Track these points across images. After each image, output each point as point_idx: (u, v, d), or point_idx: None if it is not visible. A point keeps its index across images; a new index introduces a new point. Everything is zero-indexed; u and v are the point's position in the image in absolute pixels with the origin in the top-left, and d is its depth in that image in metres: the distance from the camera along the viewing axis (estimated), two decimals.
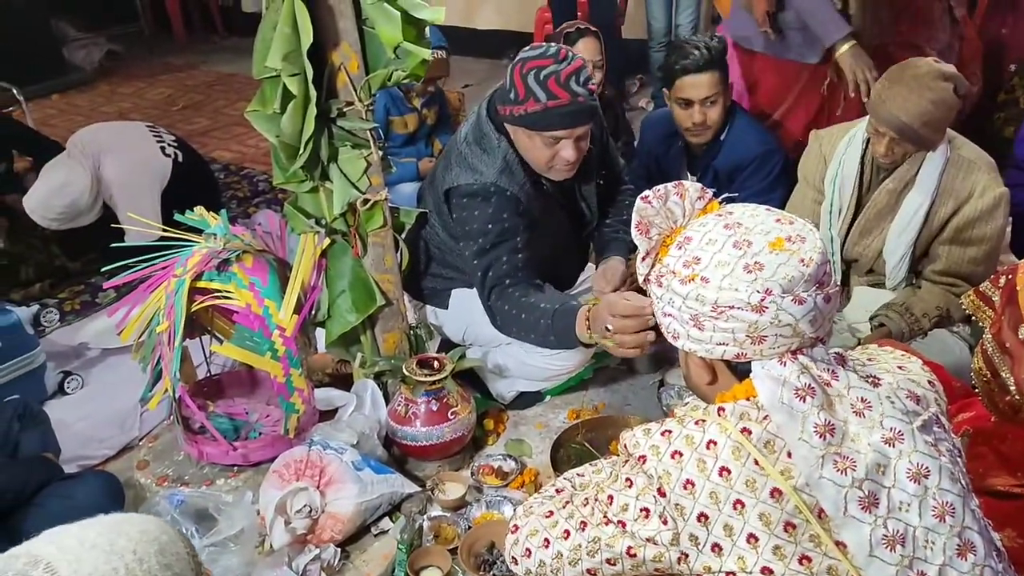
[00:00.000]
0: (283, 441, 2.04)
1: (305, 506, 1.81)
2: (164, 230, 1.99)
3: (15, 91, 4.27)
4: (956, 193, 2.21)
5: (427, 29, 1.94)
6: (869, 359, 1.23)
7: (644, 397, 2.45)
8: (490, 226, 2.04)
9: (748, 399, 1.12)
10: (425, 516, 1.96)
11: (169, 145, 3.33)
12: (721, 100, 2.55)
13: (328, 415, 2.17)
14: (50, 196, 3.08)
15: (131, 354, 2.10)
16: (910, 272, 2.34)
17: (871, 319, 2.32)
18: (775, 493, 1.05)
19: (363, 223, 2.00)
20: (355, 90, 1.87)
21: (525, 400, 2.42)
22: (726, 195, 1.25)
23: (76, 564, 0.88)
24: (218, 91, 5.96)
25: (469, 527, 1.94)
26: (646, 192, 1.21)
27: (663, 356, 2.56)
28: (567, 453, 2.21)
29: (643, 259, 1.23)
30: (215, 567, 1.75)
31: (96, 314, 2.90)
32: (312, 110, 1.78)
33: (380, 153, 2.02)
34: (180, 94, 5.87)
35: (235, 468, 2.07)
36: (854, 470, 1.04)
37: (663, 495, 1.09)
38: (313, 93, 1.77)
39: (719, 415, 1.11)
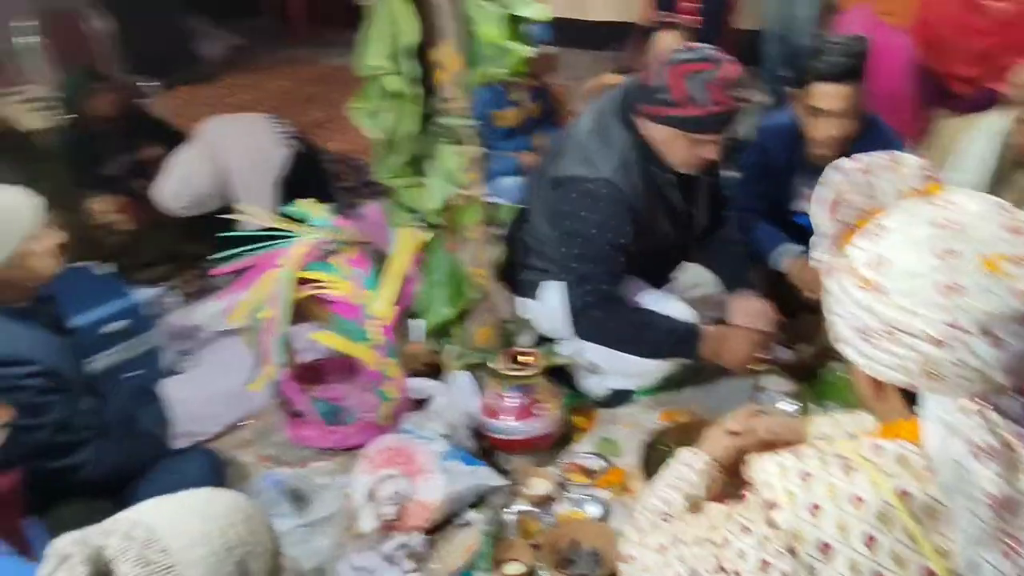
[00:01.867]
0: (377, 427, 2.10)
1: (395, 493, 1.86)
2: (273, 220, 2.08)
3: (146, 83, 4.54)
4: None
5: (528, 26, 1.95)
6: None
7: (740, 401, 2.38)
8: (595, 231, 2.02)
9: (914, 443, 0.94)
10: (510, 510, 1.98)
11: (287, 137, 3.46)
12: (858, 112, 2.29)
13: (421, 404, 2.22)
14: (176, 185, 3.27)
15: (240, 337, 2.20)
16: None
17: None
18: (927, 574, 0.89)
19: (460, 218, 2.03)
20: (455, 88, 1.90)
21: (616, 398, 2.41)
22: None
23: (174, 525, 0.96)
24: (334, 83, 6.15)
25: (553, 523, 1.95)
26: (843, 160, 1.04)
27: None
28: (658, 456, 2.18)
29: (827, 235, 1.02)
30: (305, 547, 1.83)
31: (211, 297, 3.06)
32: (414, 108, 1.82)
33: (481, 149, 2.05)
34: (298, 86, 6.10)
35: (331, 451, 2.14)
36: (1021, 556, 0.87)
37: (793, 554, 0.94)
38: (416, 91, 1.81)
39: (875, 455, 0.95)
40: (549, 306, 2.33)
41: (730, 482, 1.42)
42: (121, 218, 3.39)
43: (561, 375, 2.37)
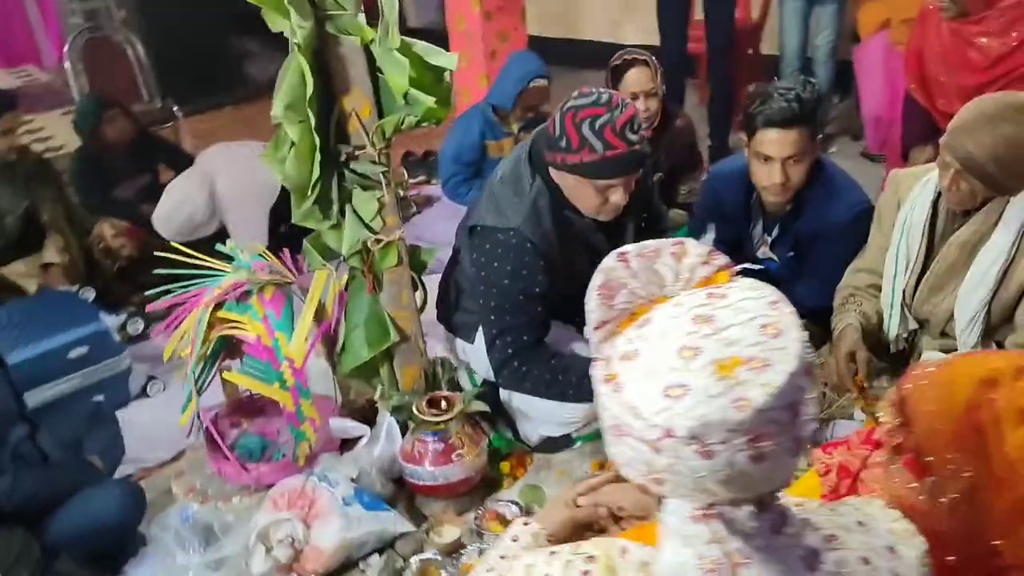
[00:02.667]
0: (294, 467, 2.12)
1: (287, 536, 1.87)
2: (200, 258, 2.13)
3: (173, 108, 4.73)
4: None
5: (447, 74, 1.96)
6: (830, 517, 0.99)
7: None
8: (507, 282, 2.02)
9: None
10: (417, 557, 1.97)
11: None
12: (806, 158, 2.22)
13: (353, 445, 2.23)
14: (170, 210, 3.39)
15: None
16: (986, 338, 2.06)
17: None
18: None
19: (377, 261, 2.04)
20: (366, 135, 1.92)
21: (555, 444, 2.37)
22: (731, 267, 0.99)
23: None
24: None
25: (456, 574, 1.93)
26: (627, 248, 0.99)
27: None
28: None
29: (596, 328, 0.98)
30: None
31: None
32: (316, 155, 1.84)
33: (400, 193, 2.06)
34: None
35: (252, 488, 2.17)
36: None
37: None
38: (317, 140, 1.83)
39: (621, 558, 0.93)
40: (481, 349, 2.32)
41: None
42: (123, 242, 3.51)
43: (506, 417, 2.36)
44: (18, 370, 2.46)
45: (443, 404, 2.10)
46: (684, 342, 0.89)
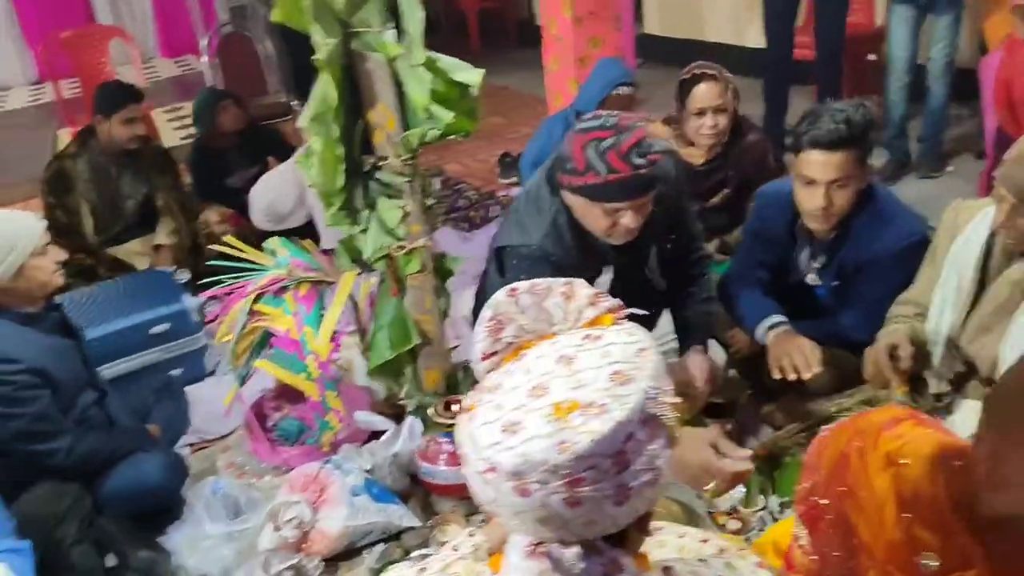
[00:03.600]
0: (319, 453, 2.26)
1: (295, 518, 2.01)
2: (248, 252, 2.30)
3: (294, 103, 5.04)
4: None
5: (473, 89, 2.02)
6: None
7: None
8: None
9: None
10: (417, 552, 2.06)
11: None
12: (853, 183, 2.10)
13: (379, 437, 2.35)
14: (261, 201, 3.65)
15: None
16: None
17: None
18: None
19: (401, 267, 2.13)
20: (391, 146, 2.01)
21: None
22: (620, 310, 1.02)
23: None
24: (483, 104, 6.38)
25: None
26: (518, 284, 1.03)
27: (736, 436, 2.37)
28: None
29: (482, 358, 1.03)
30: (211, 555, 2.02)
31: None
32: (340, 165, 1.96)
33: (429, 203, 2.15)
34: None
35: (283, 469, 2.33)
36: None
37: None
38: (341, 150, 1.94)
39: None
40: None
41: None
42: (226, 229, 3.80)
43: None
44: (102, 342, 2.74)
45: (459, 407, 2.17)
46: (539, 381, 0.93)
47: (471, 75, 1.94)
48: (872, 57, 4.63)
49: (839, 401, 2.27)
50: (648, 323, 2.44)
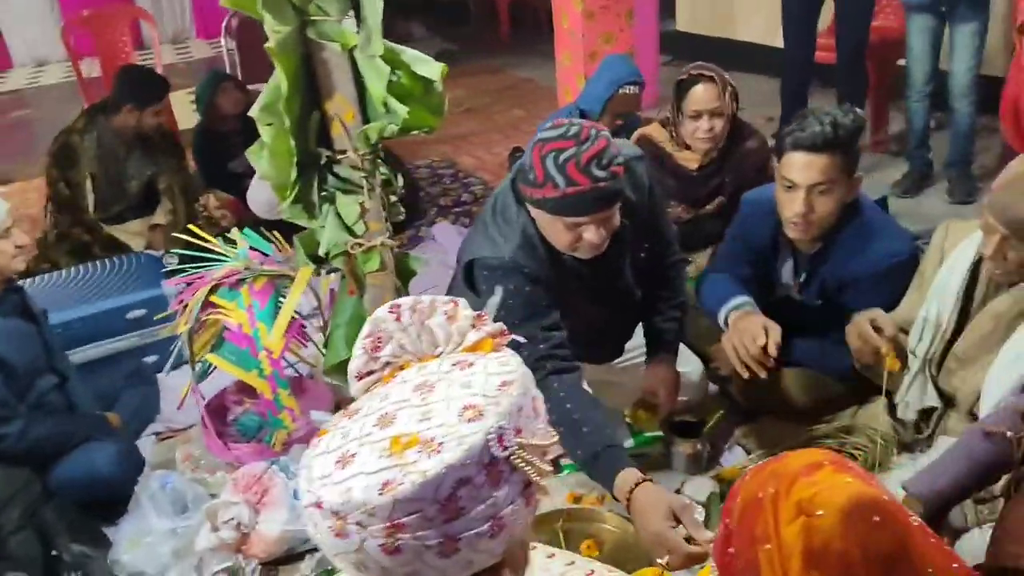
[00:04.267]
0: (271, 452, 2.20)
1: (233, 519, 1.95)
2: (211, 242, 2.25)
3: None
4: None
5: (436, 84, 1.93)
6: None
7: None
8: (511, 302, 1.90)
9: None
10: None
11: None
12: (836, 191, 2.00)
13: None
14: (257, 189, 3.60)
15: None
16: None
17: None
18: None
19: (359, 265, 2.06)
20: (349, 139, 1.93)
21: None
22: (503, 336, 0.96)
23: None
24: (506, 95, 6.33)
25: None
26: (401, 300, 0.98)
27: (710, 456, 2.27)
28: (536, 538, 2.07)
29: (358, 377, 0.96)
30: (149, 551, 1.97)
31: None
32: (292, 157, 1.89)
33: (392, 199, 2.07)
34: (471, 95, 6.34)
35: (235, 465, 2.27)
36: None
37: None
38: (292, 142, 1.87)
39: None
40: None
41: None
42: (224, 214, 3.78)
43: None
44: (77, 325, 2.73)
45: None
46: (390, 409, 0.87)
47: (432, 69, 1.86)
48: (902, 62, 4.43)
49: (816, 427, 2.15)
50: (624, 333, 2.34)
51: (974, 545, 1.68)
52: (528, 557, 0.96)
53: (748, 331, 1.96)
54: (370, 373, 0.97)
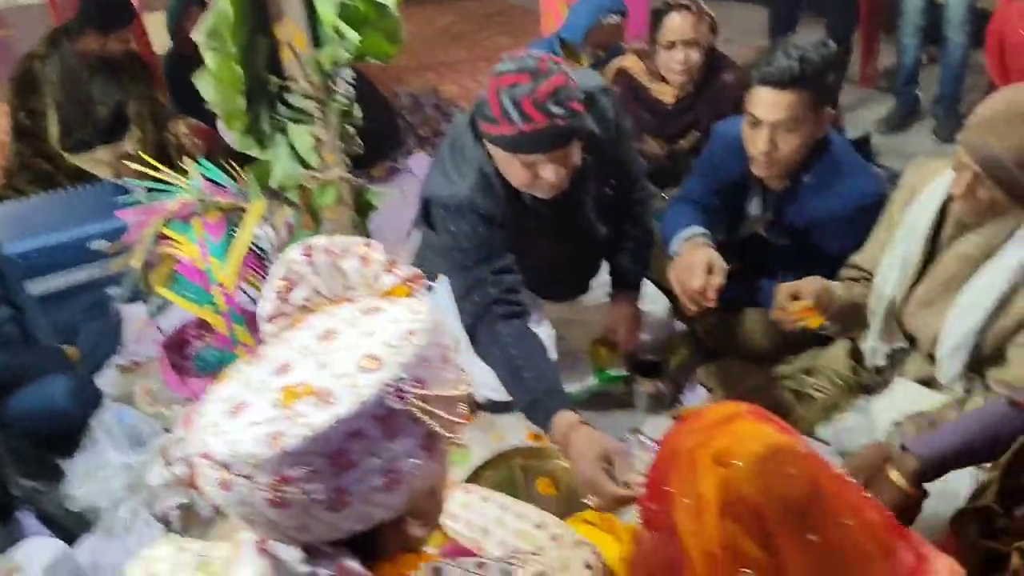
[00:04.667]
0: None
1: (183, 456, 1.93)
2: (163, 171, 2.18)
3: None
4: None
5: (391, 9, 1.84)
6: None
7: (617, 435, 2.17)
8: (465, 242, 1.88)
9: None
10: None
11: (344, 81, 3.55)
12: (802, 129, 1.92)
13: None
14: None
15: None
16: (970, 372, 1.75)
17: (894, 425, 1.79)
18: None
19: (315, 199, 2.00)
20: (300, 67, 1.85)
21: (502, 406, 2.29)
22: (419, 280, 0.94)
23: None
24: (494, 22, 6.15)
25: None
26: (313, 241, 0.94)
27: (668, 396, 2.25)
28: (494, 475, 2.08)
29: (270, 319, 0.94)
30: (102, 485, 1.96)
31: None
32: (239, 85, 1.81)
33: (351, 130, 2.00)
34: (460, 20, 6.15)
35: (194, 400, 2.25)
36: None
37: None
38: (239, 70, 1.79)
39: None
40: (440, 297, 2.25)
41: None
42: (194, 143, 3.68)
43: None
44: (35, 255, 2.67)
45: None
46: (290, 357, 0.83)
47: None
48: None
49: (778, 368, 2.13)
50: (588, 271, 2.30)
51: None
52: (440, 507, 0.94)
53: (691, 267, 1.90)
54: (282, 316, 0.94)
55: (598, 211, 2.06)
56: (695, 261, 1.91)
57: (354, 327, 0.85)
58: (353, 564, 0.80)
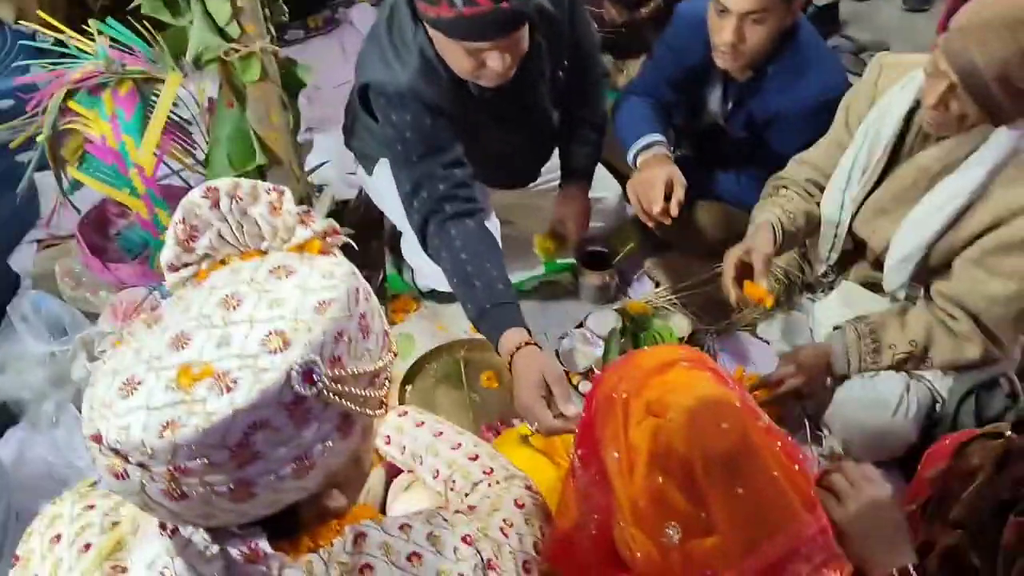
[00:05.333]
0: (153, 275, 2.06)
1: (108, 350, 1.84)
2: (68, 34, 1.95)
3: None
4: (1004, 201, 1.54)
5: None
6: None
7: (563, 329, 2.14)
8: (409, 134, 1.73)
9: None
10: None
11: None
12: (771, 20, 1.81)
13: None
14: None
15: None
16: (916, 283, 1.73)
17: (834, 328, 1.77)
18: None
19: (237, 73, 1.81)
20: None
21: (447, 296, 2.22)
22: (335, 235, 0.83)
23: None
24: None
25: None
26: (218, 183, 0.81)
27: (615, 288, 2.21)
28: (437, 367, 2.05)
29: (171, 269, 0.82)
30: (21, 378, 1.88)
31: None
32: None
33: None
34: None
35: (119, 285, 2.14)
36: None
37: None
38: None
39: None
40: (381, 184, 2.12)
41: None
42: None
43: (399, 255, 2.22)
44: None
45: None
46: (188, 326, 0.74)
47: None
48: None
49: (721, 265, 2.08)
50: (539, 157, 2.17)
51: (854, 394, 1.69)
52: (365, 472, 0.88)
53: (651, 184, 1.83)
54: (186, 265, 0.83)
55: (551, 94, 1.92)
56: (655, 179, 1.82)
57: (261, 293, 0.75)
58: (264, 544, 0.74)
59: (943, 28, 2.01)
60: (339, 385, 0.72)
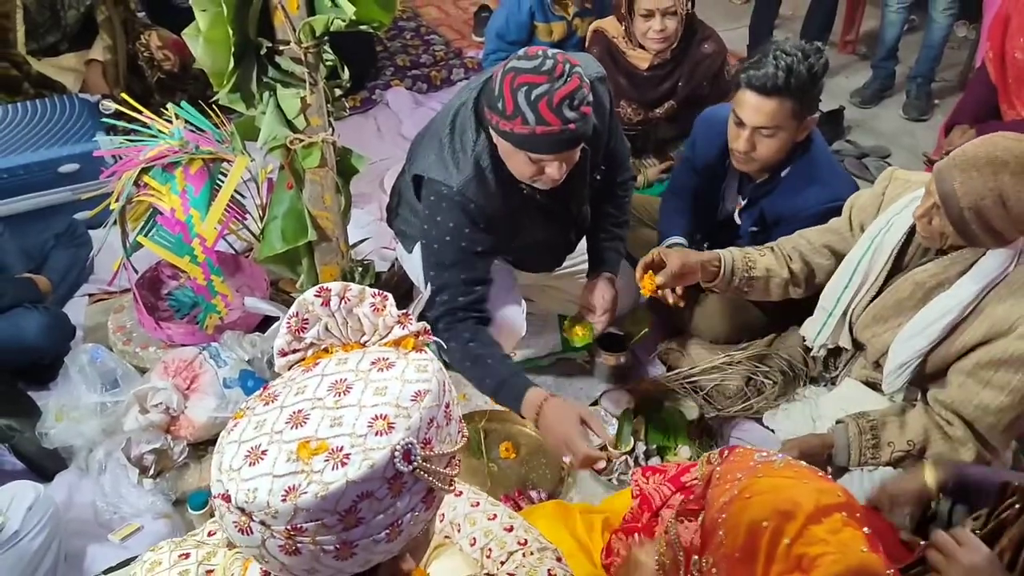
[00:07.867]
0: (202, 335, 2.22)
1: (161, 403, 1.99)
2: (146, 115, 2.15)
3: None
4: (995, 318, 1.69)
5: None
6: None
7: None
8: (449, 239, 1.91)
9: None
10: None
11: None
12: (782, 135, 2.02)
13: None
14: None
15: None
16: (913, 386, 1.88)
17: (836, 422, 1.92)
18: None
19: (299, 160, 2.00)
20: (292, 31, 1.83)
21: None
22: (427, 335, 0.97)
23: None
24: None
25: None
26: (330, 285, 0.95)
27: (628, 369, 2.36)
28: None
29: (281, 354, 0.96)
30: (76, 427, 2.01)
31: None
32: (229, 46, 1.78)
33: (337, 93, 2.00)
34: None
35: (167, 344, 2.29)
36: None
37: None
38: (230, 31, 1.76)
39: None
40: (419, 262, 2.29)
41: None
42: (167, 55, 3.58)
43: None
44: (3, 176, 2.63)
45: None
46: (304, 406, 0.87)
47: None
48: None
49: (732, 353, 2.24)
50: (567, 248, 2.34)
51: (853, 487, 1.82)
52: (430, 539, 1.02)
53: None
54: (294, 352, 0.99)
55: (587, 194, 2.11)
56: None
57: (366, 381, 0.89)
58: None
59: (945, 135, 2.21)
60: (428, 464, 0.87)
